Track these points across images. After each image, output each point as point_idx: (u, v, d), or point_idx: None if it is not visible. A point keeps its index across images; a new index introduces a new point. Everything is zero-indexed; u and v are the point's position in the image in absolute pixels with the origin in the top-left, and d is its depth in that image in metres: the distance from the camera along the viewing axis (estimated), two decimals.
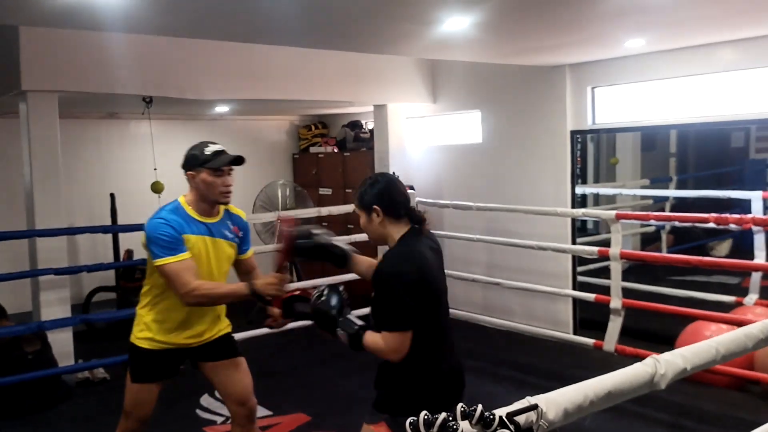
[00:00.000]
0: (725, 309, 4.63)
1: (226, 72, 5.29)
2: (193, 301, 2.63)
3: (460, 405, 1.23)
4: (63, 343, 4.78)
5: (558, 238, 5.35)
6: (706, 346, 1.46)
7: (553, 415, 1.25)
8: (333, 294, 2.35)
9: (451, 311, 2.45)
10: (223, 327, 2.94)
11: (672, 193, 6.92)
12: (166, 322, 2.77)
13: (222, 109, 6.76)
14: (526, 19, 3.74)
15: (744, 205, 5.30)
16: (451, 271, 5.73)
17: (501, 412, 1.21)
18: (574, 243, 5.48)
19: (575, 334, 5.38)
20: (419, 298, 2.19)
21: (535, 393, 1.26)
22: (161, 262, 2.59)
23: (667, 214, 5.29)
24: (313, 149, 7.92)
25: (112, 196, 6.30)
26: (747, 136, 7.18)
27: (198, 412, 4.30)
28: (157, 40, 4.68)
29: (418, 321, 2.21)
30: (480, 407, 1.21)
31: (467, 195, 5.94)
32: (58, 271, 4.66)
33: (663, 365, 1.37)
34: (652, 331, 5.01)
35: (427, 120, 6.77)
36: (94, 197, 6.76)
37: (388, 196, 2.32)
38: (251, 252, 3.01)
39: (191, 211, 2.72)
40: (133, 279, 6.10)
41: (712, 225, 4.03)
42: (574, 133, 5.50)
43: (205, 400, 4.45)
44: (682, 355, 1.41)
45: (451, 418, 1.21)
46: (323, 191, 7.58)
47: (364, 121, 7.48)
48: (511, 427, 1.20)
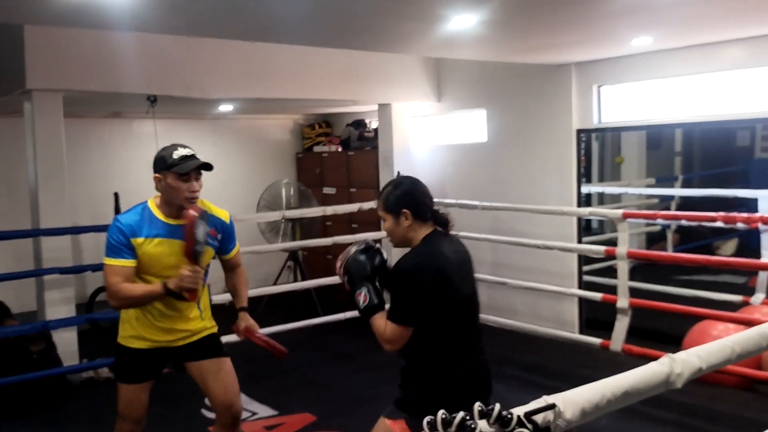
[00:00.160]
0: (732, 308, 4.61)
1: (230, 71, 5.28)
2: (117, 303, 2.65)
3: (478, 404, 1.22)
4: (68, 343, 4.78)
5: (563, 238, 5.33)
6: (722, 345, 1.45)
7: (570, 415, 1.24)
8: (374, 255, 2.36)
9: None
10: (209, 327, 2.91)
11: (678, 192, 6.90)
12: (148, 318, 2.76)
13: (226, 108, 6.75)
14: (533, 17, 3.73)
15: (749, 204, 5.29)
16: None
17: (519, 411, 1.20)
18: (579, 242, 5.47)
19: (581, 333, 5.37)
20: (432, 299, 2.19)
21: (542, 393, 1.25)
22: (104, 261, 2.64)
23: (675, 213, 5.27)
24: (317, 148, 7.90)
25: (116, 195, 6.28)
26: (752, 135, 7.16)
27: (203, 411, 4.29)
28: (161, 38, 4.67)
29: (433, 321, 2.21)
30: (498, 406, 1.20)
31: (472, 194, 5.93)
32: (63, 271, 4.66)
33: (679, 364, 1.36)
34: (659, 330, 4.99)
35: (432, 119, 6.76)
36: (98, 196, 6.74)
37: (415, 198, 2.33)
38: (235, 251, 2.96)
39: (158, 213, 2.68)
40: None
41: (719, 224, 4.01)
42: (579, 131, 5.49)
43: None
44: (698, 354, 1.40)
45: (468, 417, 1.20)
46: (327, 190, 7.57)
47: (368, 120, 7.46)
48: (529, 426, 1.19)
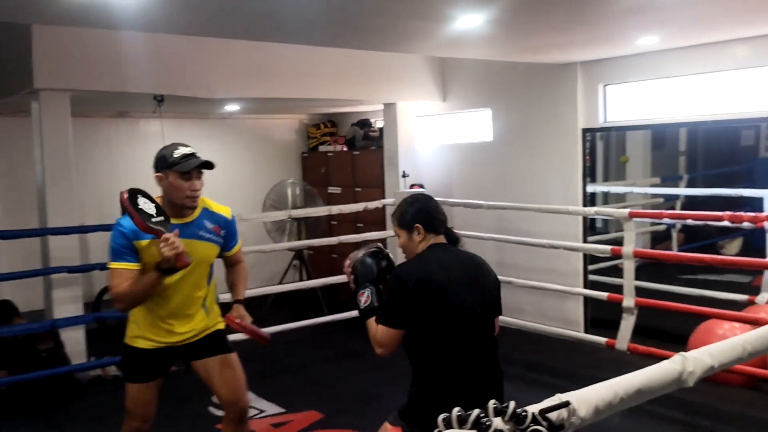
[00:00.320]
0: (737, 307, 4.62)
1: (236, 71, 5.31)
2: (123, 305, 2.63)
3: (492, 401, 1.23)
4: (75, 341, 4.81)
5: (568, 237, 5.34)
6: (733, 343, 1.46)
7: (584, 413, 1.25)
8: (383, 260, 2.43)
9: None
10: (215, 323, 2.90)
11: (683, 191, 6.89)
12: (152, 318, 2.75)
13: (232, 107, 6.77)
14: (540, 17, 3.74)
15: (754, 203, 5.28)
16: None
17: (533, 409, 1.21)
18: (585, 241, 5.47)
19: (586, 332, 5.38)
20: (419, 305, 2.21)
21: (548, 392, 1.26)
22: (109, 264, 2.63)
23: (681, 212, 5.27)
24: (322, 148, 7.92)
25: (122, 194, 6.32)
26: (757, 134, 7.14)
27: (210, 409, 4.31)
28: (168, 38, 4.70)
29: (425, 328, 2.22)
30: (513, 403, 1.20)
31: (477, 194, 5.94)
32: (71, 269, 4.68)
33: (691, 363, 1.37)
34: (664, 329, 4.99)
35: (437, 118, 6.77)
36: (105, 196, 6.76)
37: (429, 214, 2.39)
38: (237, 248, 2.96)
39: None
40: None
41: (726, 223, 4.02)
42: (585, 131, 5.49)
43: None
44: (710, 352, 1.41)
45: (483, 415, 1.21)
46: (332, 190, 7.59)
47: (373, 120, 7.47)
48: (544, 424, 1.20)
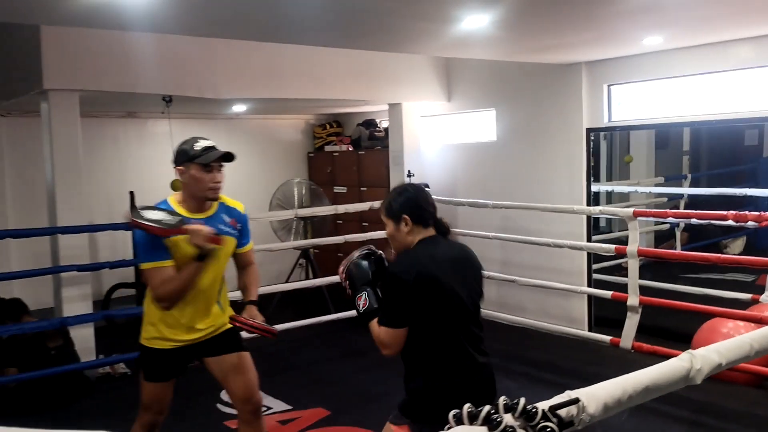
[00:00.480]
0: (741, 306, 4.64)
1: (243, 72, 5.34)
2: (166, 302, 2.65)
3: (503, 398, 1.26)
4: (85, 339, 4.85)
5: (573, 236, 5.36)
6: (740, 341, 1.49)
7: (593, 409, 1.27)
8: (376, 261, 2.39)
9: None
10: (228, 321, 2.90)
11: (687, 190, 6.91)
12: (170, 318, 2.75)
13: (239, 108, 6.81)
14: (545, 17, 3.76)
15: (758, 203, 5.30)
16: None
17: (543, 406, 1.24)
18: (589, 240, 5.50)
19: (590, 331, 5.41)
20: (418, 300, 2.21)
21: (552, 389, 1.27)
22: (142, 266, 2.65)
23: (685, 211, 5.29)
24: (328, 148, 7.96)
25: (132, 194, 6.34)
26: (761, 133, 7.15)
27: (218, 406, 4.35)
28: (176, 39, 4.73)
29: (423, 326, 2.23)
30: (523, 400, 1.23)
31: (482, 193, 5.97)
32: (81, 268, 4.72)
33: (699, 360, 1.39)
34: (667, 328, 5.02)
35: (442, 118, 6.79)
36: (113, 195, 6.82)
37: (417, 205, 2.34)
38: (250, 246, 2.96)
39: (181, 209, 2.69)
40: None
41: (730, 222, 4.04)
42: (590, 130, 5.52)
43: (225, 395, 4.47)
44: (717, 350, 1.44)
45: (494, 411, 1.23)
46: (338, 189, 7.63)
47: (378, 120, 7.51)
48: (554, 420, 1.22)
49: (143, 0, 2.99)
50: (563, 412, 1.24)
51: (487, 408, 1.23)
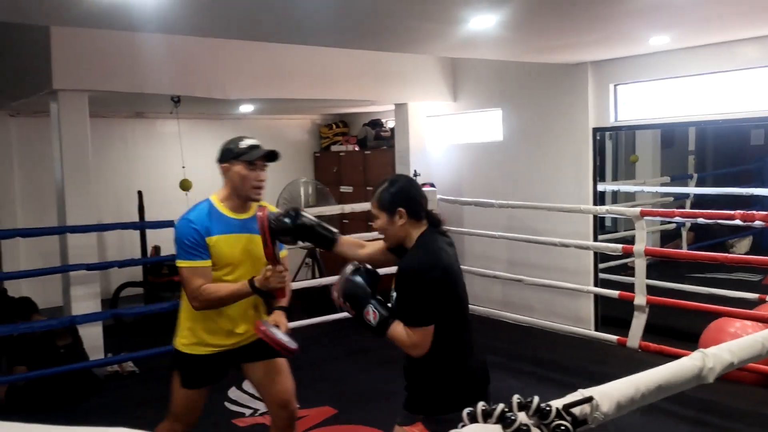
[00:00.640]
0: (747, 306, 4.63)
1: (250, 72, 5.37)
2: (200, 305, 2.61)
3: (516, 396, 1.27)
4: (93, 337, 4.88)
5: (579, 236, 5.38)
6: (752, 340, 1.50)
7: (606, 408, 1.28)
8: (368, 273, 2.34)
9: (470, 307, 2.44)
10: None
11: (693, 190, 6.91)
12: (211, 323, 2.70)
13: (246, 108, 6.84)
14: (552, 17, 3.77)
15: (764, 202, 5.30)
16: (471, 268, 5.78)
17: (557, 404, 1.25)
18: (596, 240, 5.50)
19: (596, 330, 5.41)
20: (442, 296, 2.21)
21: (559, 389, 1.28)
22: (179, 264, 2.61)
23: (692, 210, 5.29)
24: (334, 148, 7.98)
25: (140, 193, 6.39)
26: (767, 133, 7.14)
27: (226, 404, 4.37)
28: (185, 40, 4.75)
29: (443, 318, 2.23)
30: (537, 398, 1.24)
31: (487, 193, 5.98)
32: (90, 267, 4.75)
33: (711, 359, 1.40)
34: (674, 327, 5.02)
35: (448, 118, 6.80)
36: (122, 195, 6.87)
37: (411, 197, 2.31)
38: (285, 253, 2.92)
39: (223, 209, 2.66)
40: (160, 274, 6.20)
41: (738, 222, 4.04)
42: (596, 130, 5.52)
43: (233, 393, 4.52)
44: (729, 349, 1.44)
45: (507, 409, 1.25)
46: (344, 189, 7.65)
47: (384, 120, 7.52)
48: (568, 419, 1.23)
49: (153, 1, 3.01)
50: (577, 411, 1.25)
51: (501, 406, 1.25)
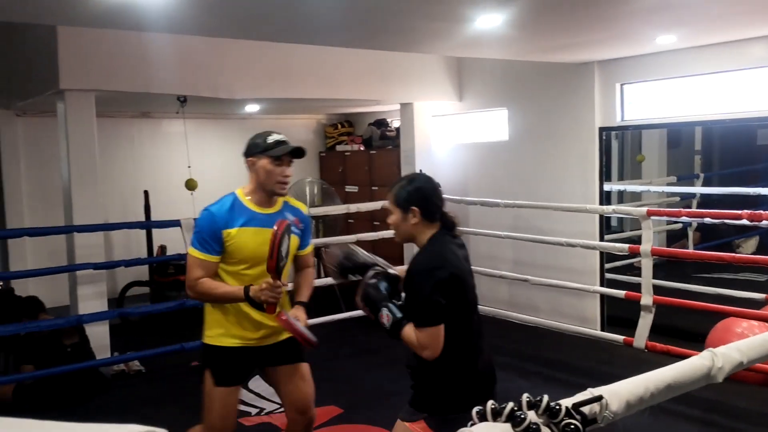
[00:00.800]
0: (754, 306, 4.61)
1: (256, 72, 5.38)
2: (193, 296, 2.63)
3: (526, 395, 1.27)
4: (100, 336, 4.89)
5: (584, 235, 5.36)
6: (762, 340, 1.49)
7: (615, 407, 1.28)
8: (386, 277, 2.36)
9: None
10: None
11: (700, 190, 6.88)
12: (241, 317, 2.68)
13: (252, 108, 6.85)
14: (558, 16, 3.77)
15: None
16: (477, 268, 5.74)
17: (566, 403, 1.25)
18: (602, 240, 5.49)
19: (602, 330, 5.40)
20: (451, 297, 2.21)
21: (566, 389, 1.28)
22: (189, 250, 2.64)
23: (699, 210, 5.27)
24: (339, 147, 7.99)
25: (146, 193, 6.41)
26: None
27: None
28: (191, 40, 4.77)
29: (451, 319, 2.23)
30: (546, 397, 1.24)
31: (493, 192, 5.97)
32: (97, 266, 4.76)
33: (720, 358, 1.40)
34: (681, 328, 5.01)
35: (453, 118, 6.80)
36: (128, 194, 6.89)
37: (427, 198, 2.32)
38: (310, 248, 2.90)
39: (248, 203, 2.66)
40: (166, 274, 6.22)
41: (745, 221, 4.03)
42: (602, 129, 5.51)
43: (240, 392, 4.52)
44: (738, 348, 1.44)
45: (516, 408, 1.25)
46: (349, 188, 7.65)
47: (390, 120, 7.53)
48: (578, 417, 1.23)
49: (160, 0, 3.02)
50: (586, 410, 1.25)
51: (510, 404, 1.25)
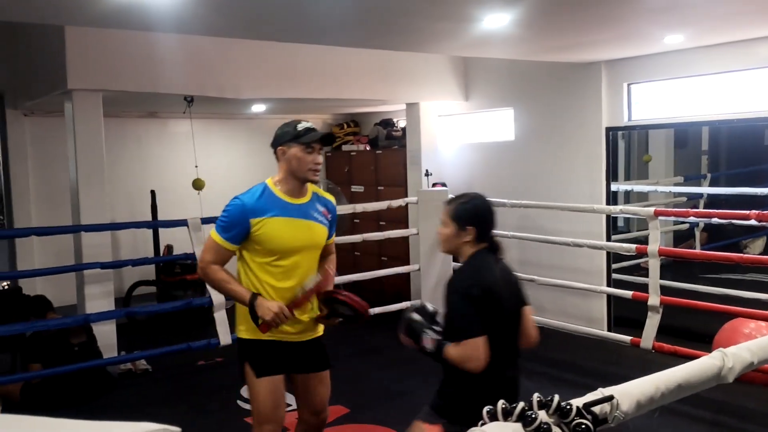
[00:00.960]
0: (762, 306, 4.59)
1: (263, 72, 5.39)
2: (201, 275, 2.69)
3: (536, 395, 1.27)
4: (107, 336, 4.91)
5: (591, 235, 5.35)
6: None
7: (626, 407, 1.28)
8: (422, 310, 2.42)
9: None
10: (319, 329, 2.89)
11: (707, 190, 6.86)
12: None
13: (258, 108, 6.86)
14: (565, 16, 3.76)
15: None
16: None
17: (577, 403, 1.25)
18: (609, 240, 5.48)
19: (609, 331, 5.39)
20: (483, 312, 2.24)
21: (573, 389, 1.28)
22: (212, 233, 2.65)
23: (706, 210, 5.25)
24: (345, 147, 7.99)
25: (153, 192, 6.43)
26: None
27: (239, 402, 4.38)
28: (198, 40, 4.78)
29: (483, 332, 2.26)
30: (557, 397, 1.24)
31: (499, 192, 5.93)
32: (105, 265, 4.78)
33: (731, 359, 1.40)
34: (688, 328, 4.99)
35: (460, 118, 6.80)
36: (135, 194, 6.91)
37: (486, 221, 2.39)
38: (334, 237, 2.92)
39: (279, 192, 2.66)
40: (173, 273, 6.23)
41: (752, 222, 4.02)
42: (609, 129, 5.50)
43: (246, 391, 4.51)
44: (749, 348, 1.44)
45: (527, 408, 1.24)
46: (355, 188, 7.65)
47: (396, 120, 7.52)
48: (588, 417, 1.23)
49: (168, 0, 3.03)
50: (597, 410, 1.25)
51: (521, 404, 1.24)
